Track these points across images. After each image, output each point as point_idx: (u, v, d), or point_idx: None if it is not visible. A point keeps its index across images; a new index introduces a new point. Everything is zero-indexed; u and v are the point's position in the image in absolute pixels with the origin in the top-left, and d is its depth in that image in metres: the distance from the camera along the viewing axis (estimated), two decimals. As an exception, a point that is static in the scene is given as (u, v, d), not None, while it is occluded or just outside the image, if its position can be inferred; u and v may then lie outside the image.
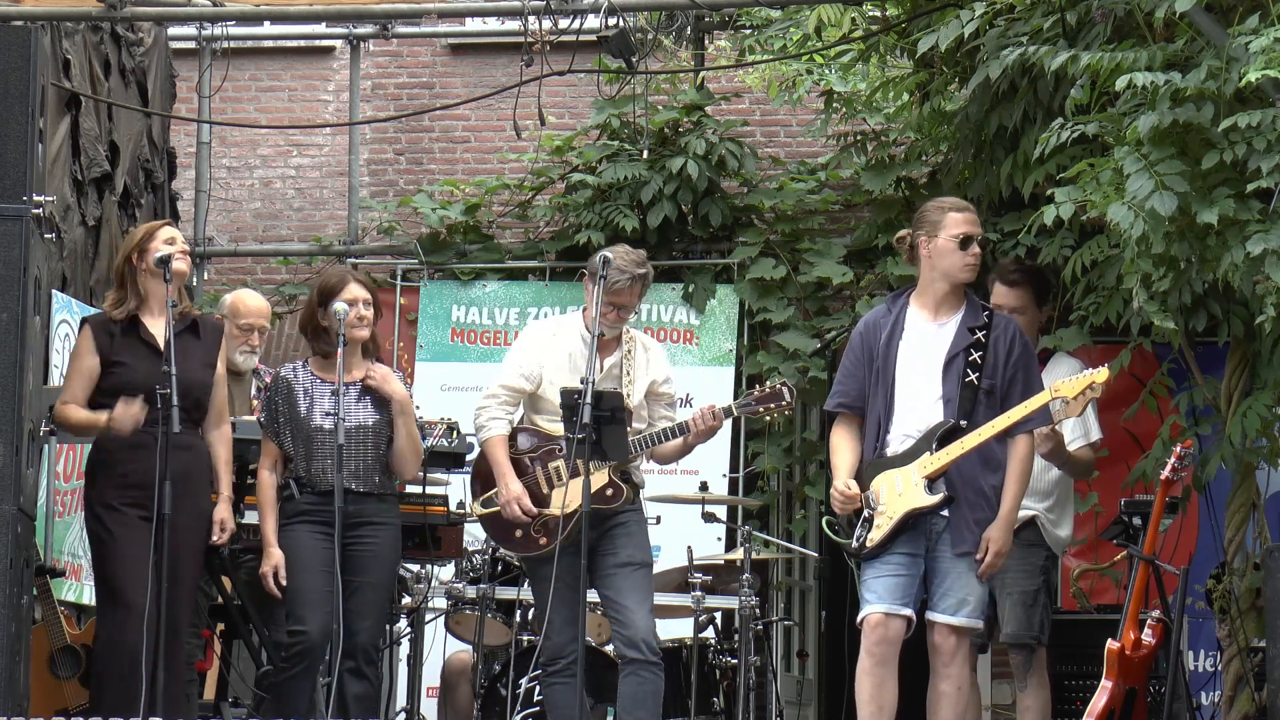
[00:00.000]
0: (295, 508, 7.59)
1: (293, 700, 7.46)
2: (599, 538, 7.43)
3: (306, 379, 7.69)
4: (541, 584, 7.51)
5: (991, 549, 6.94)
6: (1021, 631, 7.82)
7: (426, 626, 9.03)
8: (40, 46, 7.30)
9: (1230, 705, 8.36)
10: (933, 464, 6.93)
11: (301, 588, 7.50)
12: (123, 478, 7.34)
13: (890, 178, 11.04)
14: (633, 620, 7.38)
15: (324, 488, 7.54)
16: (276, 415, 7.66)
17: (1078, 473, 8.03)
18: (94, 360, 7.42)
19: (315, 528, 7.53)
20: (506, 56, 11.93)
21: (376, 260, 12.07)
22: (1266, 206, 7.04)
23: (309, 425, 7.61)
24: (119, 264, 7.59)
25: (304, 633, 7.45)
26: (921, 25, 8.85)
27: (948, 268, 7.10)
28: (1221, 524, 8.68)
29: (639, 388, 7.61)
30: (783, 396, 7.51)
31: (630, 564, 7.45)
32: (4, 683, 6.87)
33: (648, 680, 7.38)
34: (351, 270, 8.02)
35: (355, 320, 7.64)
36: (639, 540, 7.54)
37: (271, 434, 7.66)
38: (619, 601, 7.43)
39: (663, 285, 11.26)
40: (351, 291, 7.66)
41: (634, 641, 7.37)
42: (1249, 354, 8.29)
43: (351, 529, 7.51)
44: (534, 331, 7.93)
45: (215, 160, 12.61)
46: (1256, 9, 7.14)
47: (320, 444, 7.58)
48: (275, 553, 7.54)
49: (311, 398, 7.64)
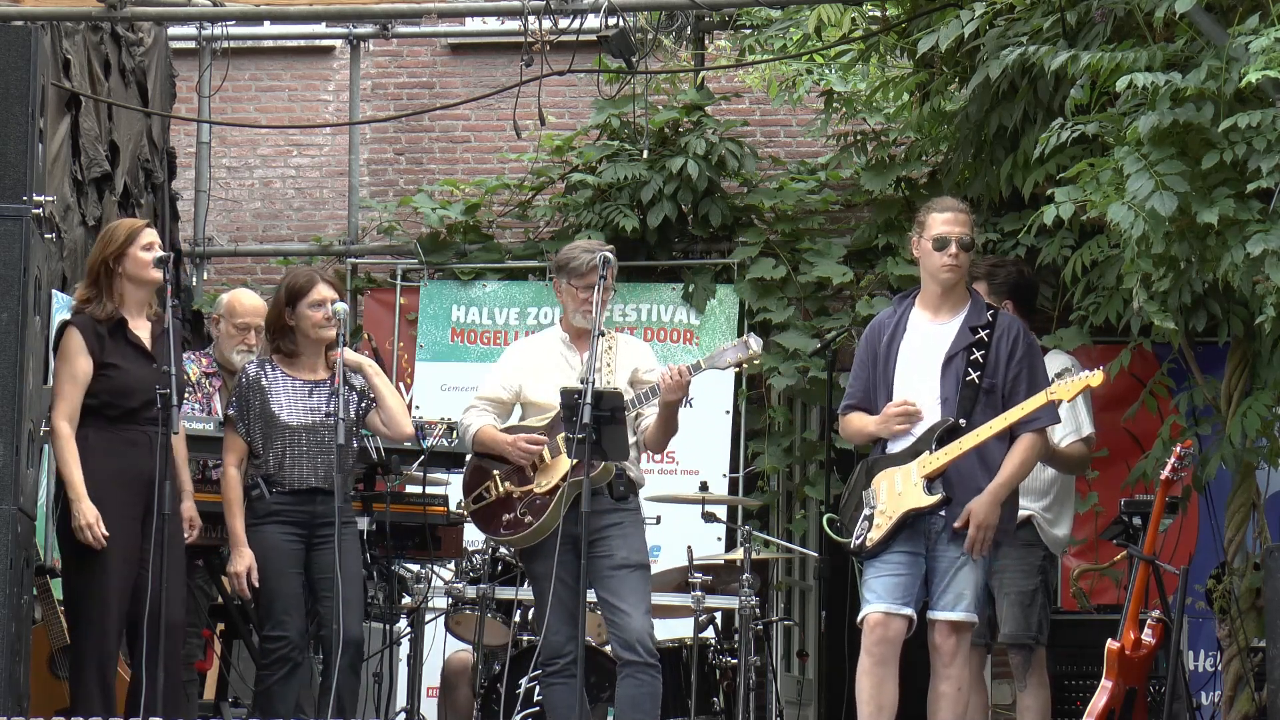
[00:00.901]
0: (265, 507, 7.56)
1: (279, 704, 7.45)
2: (599, 539, 7.42)
3: (276, 377, 7.67)
4: (539, 583, 7.52)
5: (973, 522, 6.88)
6: (1020, 631, 7.82)
7: (426, 626, 9.03)
8: (40, 46, 7.30)
9: (1230, 705, 8.37)
10: (932, 463, 6.94)
11: (277, 591, 7.50)
12: (115, 477, 7.32)
13: (890, 178, 11.04)
14: (629, 623, 7.37)
15: (297, 486, 7.54)
16: (247, 411, 7.62)
17: (1070, 468, 8.01)
18: (87, 363, 7.37)
19: (285, 528, 7.53)
20: (506, 56, 11.92)
21: (376, 260, 12.08)
22: (1266, 206, 7.04)
23: (279, 422, 7.59)
24: (95, 261, 7.50)
25: (284, 637, 7.45)
26: (921, 25, 8.85)
27: (929, 269, 7.13)
28: (1221, 524, 8.68)
29: (620, 376, 7.59)
30: (749, 346, 7.48)
31: (626, 565, 7.44)
32: (4, 683, 6.87)
33: (645, 683, 7.37)
34: (319, 270, 8.00)
35: (323, 320, 7.64)
36: (634, 542, 7.53)
37: (241, 431, 7.62)
38: (615, 604, 7.41)
39: (663, 285, 11.27)
40: (320, 292, 7.66)
41: (630, 644, 7.36)
42: (1249, 354, 8.29)
43: (322, 527, 7.51)
44: (514, 346, 8.10)
45: (215, 160, 12.61)
46: (1256, 9, 7.14)
47: (294, 442, 7.57)
48: (247, 552, 7.51)
49: (284, 396, 7.63)
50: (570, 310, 7.64)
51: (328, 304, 7.64)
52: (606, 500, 7.46)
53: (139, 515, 7.25)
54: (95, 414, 7.37)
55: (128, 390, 7.34)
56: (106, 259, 7.46)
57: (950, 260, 7.07)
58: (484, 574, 8.71)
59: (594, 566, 7.40)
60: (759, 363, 8.07)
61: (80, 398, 7.36)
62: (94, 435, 7.36)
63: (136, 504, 7.26)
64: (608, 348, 7.59)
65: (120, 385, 7.37)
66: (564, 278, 7.61)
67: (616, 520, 7.49)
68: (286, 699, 7.46)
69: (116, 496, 7.29)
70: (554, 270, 7.75)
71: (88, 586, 7.31)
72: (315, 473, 7.56)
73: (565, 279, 7.60)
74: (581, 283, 7.54)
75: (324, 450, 7.57)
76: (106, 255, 7.47)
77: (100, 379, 7.38)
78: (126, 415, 7.36)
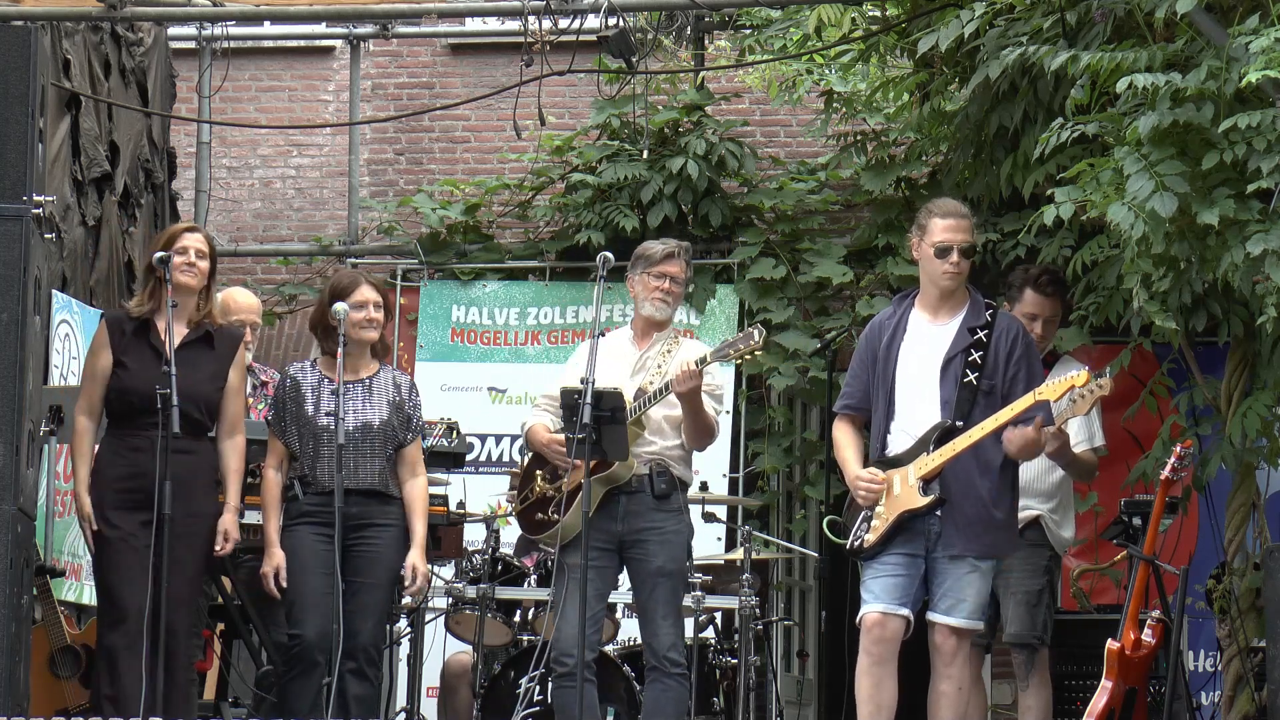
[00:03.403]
0: (298, 509, 7.59)
1: (295, 702, 7.46)
2: (636, 538, 7.45)
3: (314, 378, 7.70)
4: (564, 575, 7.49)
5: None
6: (1025, 631, 7.82)
7: (426, 626, 9.03)
8: (40, 46, 7.29)
9: (1230, 705, 8.36)
10: (928, 464, 6.94)
11: (300, 591, 7.49)
12: (120, 480, 7.34)
13: (890, 178, 11.04)
14: (659, 632, 7.45)
15: (328, 488, 7.54)
16: (284, 414, 7.67)
17: (1080, 474, 8.02)
18: (108, 358, 7.44)
19: (317, 529, 7.53)
20: (506, 56, 11.92)
21: (376, 260, 12.08)
22: (1266, 207, 7.03)
23: (315, 424, 7.61)
24: (146, 263, 7.63)
25: (300, 636, 7.45)
26: (921, 25, 8.84)
27: (930, 274, 7.13)
28: (1221, 524, 8.68)
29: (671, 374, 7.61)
30: (752, 336, 7.48)
31: (662, 574, 7.48)
32: (4, 683, 6.86)
33: (671, 688, 7.46)
34: (365, 274, 8.03)
35: (364, 322, 7.67)
36: (673, 549, 7.55)
37: (279, 433, 7.67)
38: (648, 612, 7.49)
39: (663, 285, 11.27)
40: (362, 294, 7.70)
41: (659, 653, 7.45)
42: (1249, 354, 8.29)
43: (355, 530, 7.52)
44: (583, 346, 7.87)
45: (215, 160, 12.61)
46: (1256, 9, 7.14)
47: (326, 443, 7.59)
48: (277, 553, 7.54)
49: (319, 397, 7.65)
50: (640, 300, 7.67)
51: (369, 306, 7.68)
52: (648, 499, 7.49)
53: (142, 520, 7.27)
54: (107, 412, 7.45)
55: (132, 391, 7.34)
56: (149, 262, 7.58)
57: (952, 268, 7.07)
58: (484, 574, 8.71)
59: (634, 569, 7.51)
60: (760, 355, 8.10)
61: (100, 392, 7.45)
62: (104, 438, 7.43)
63: (141, 509, 7.27)
64: (667, 350, 7.63)
65: (122, 384, 7.39)
66: (637, 269, 7.67)
67: (659, 524, 7.51)
68: (302, 698, 7.46)
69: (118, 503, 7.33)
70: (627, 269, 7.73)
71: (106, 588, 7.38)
72: (350, 474, 7.56)
73: (639, 270, 7.66)
74: (655, 271, 7.61)
75: (359, 452, 7.59)
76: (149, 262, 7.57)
77: (111, 375, 7.44)
78: (128, 416, 7.37)
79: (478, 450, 10.96)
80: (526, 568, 8.93)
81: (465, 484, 8.96)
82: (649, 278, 7.64)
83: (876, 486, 6.98)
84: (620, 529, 7.45)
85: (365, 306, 7.69)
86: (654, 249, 7.69)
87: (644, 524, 7.46)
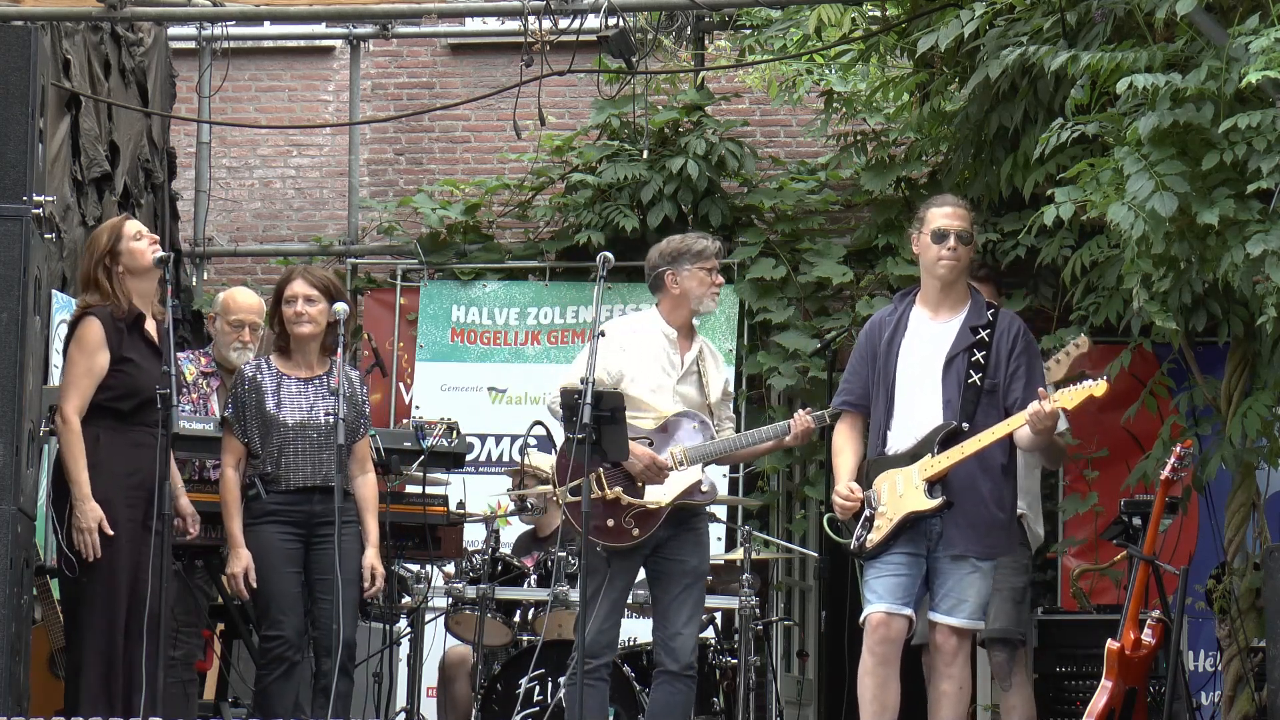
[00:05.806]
0: (261, 507, 7.53)
1: (277, 703, 7.44)
2: (672, 538, 7.45)
3: (272, 375, 7.65)
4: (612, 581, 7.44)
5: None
6: (1010, 627, 7.82)
7: (426, 626, 9.03)
8: (40, 46, 7.30)
9: (1230, 705, 8.37)
10: (933, 467, 6.92)
11: (275, 591, 7.47)
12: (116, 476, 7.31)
13: (890, 178, 11.04)
14: (678, 635, 7.45)
15: (294, 485, 7.52)
16: (244, 412, 7.59)
17: (1054, 459, 8.03)
18: (105, 357, 7.32)
19: (283, 528, 7.50)
20: (506, 56, 11.93)
21: (376, 260, 12.08)
22: (1266, 207, 7.04)
23: (277, 421, 7.57)
24: (90, 269, 7.43)
25: (281, 637, 7.43)
26: (921, 25, 8.85)
27: (928, 262, 7.11)
28: (1221, 524, 8.68)
29: (714, 388, 7.61)
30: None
31: (697, 574, 7.50)
32: (4, 683, 6.86)
33: (680, 691, 7.47)
34: (305, 269, 7.92)
35: (293, 316, 7.63)
36: (704, 550, 7.59)
37: (238, 431, 7.59)
38: (671, 614, 7.47)
39: (663, 285, 11.27)
40: (292, 288, 7.65)
41: (675, 654, 7.44)
42: (1249, 354, 8.29)
43: (321, 526, 7.49)
44: (615, 329, 7.70)
45: (215, 160, 12.61)
46: (1256, 9, 7.14)
47: (291, 440, 7.55)
48: (244, 553, 7.47)
49: (279, 394, 7.60)
50: (695, 295, 7.54)
51: (299, 300, 7.60)
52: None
53: (141, 519, 7.24)
54: (106, 411, 7.32)
55: (139, 387, 7.31)
56: (101, 261, 7.42)
57: (949, 253, 7.04)
58: (484, 574, 8.71)
59: (665, 566, 7.48)
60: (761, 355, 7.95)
61: (92, 391, 7.32)
62: (105, 435, 7.32)
63: (141, 507, 7.24)
64: (700, 354, 7.60)
65: (134, 381, 7.32)
66: (683, 264, 7.52)
67: (694, 525, 7.55)
68: (284, 698, 7.45)
69: (124, 500, 7.28)
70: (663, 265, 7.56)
71: (94, 587, 7.26)
72: (313, 471, 7.55)
73: (687, 264, 7.52)
74: (708, 265, 7.52)
75: (321, 448, 7.55)
76: (99, 258, 7.43)
77: (116, 374, 7.34)
78: (135, 413, 7.33)
79: (478, 450, 10.96)
80: (526, 568, 8.93)
81: (465, 484, 8.95)
82: (703, 272, 7.52)
83: (851, 505, 7.01)
84: (661, 535, 7.45)
85: (295, 301, 7.63)
86: (702, 244, 7.56)
87: (686, 524, 7.50)
